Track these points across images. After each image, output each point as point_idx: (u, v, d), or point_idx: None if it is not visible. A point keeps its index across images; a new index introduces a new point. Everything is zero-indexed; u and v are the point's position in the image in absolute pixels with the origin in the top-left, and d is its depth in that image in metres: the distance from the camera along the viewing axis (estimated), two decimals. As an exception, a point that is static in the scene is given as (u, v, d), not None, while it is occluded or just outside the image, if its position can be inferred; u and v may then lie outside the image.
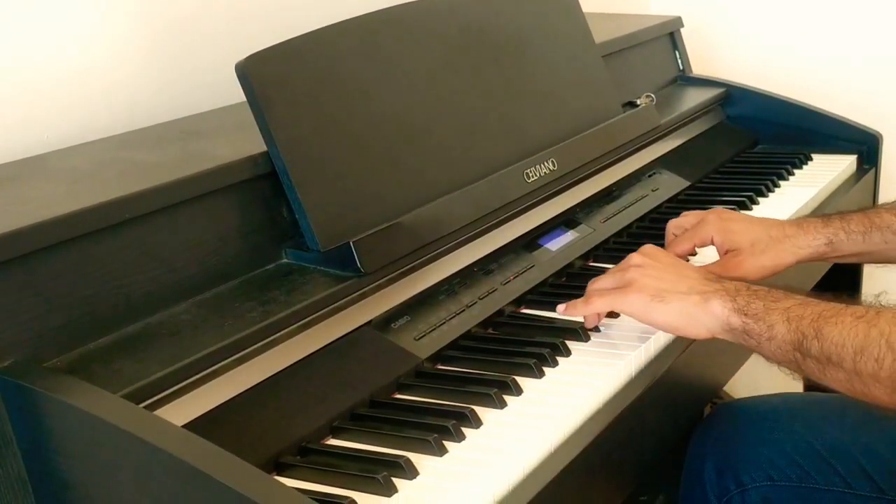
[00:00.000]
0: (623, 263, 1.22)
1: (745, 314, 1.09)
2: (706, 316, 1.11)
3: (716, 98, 2.00)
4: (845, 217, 1.38)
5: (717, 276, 1.17)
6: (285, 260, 1.19)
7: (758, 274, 1.34)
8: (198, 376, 0.99)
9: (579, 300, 1.21)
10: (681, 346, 1.22)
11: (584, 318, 1.23)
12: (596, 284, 1.23)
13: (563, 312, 1.22)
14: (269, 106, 1.16)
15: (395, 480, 0.94)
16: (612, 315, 1.26)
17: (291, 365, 1.07)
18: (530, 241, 1.44)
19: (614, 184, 1.64)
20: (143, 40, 1.47)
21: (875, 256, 1.38)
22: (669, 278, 1.15)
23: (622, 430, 1.10)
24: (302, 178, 1.17)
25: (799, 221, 1.39)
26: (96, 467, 0.89)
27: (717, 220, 1.38)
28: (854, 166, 1.92)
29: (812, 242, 1.35)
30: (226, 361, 1.01)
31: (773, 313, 1.07)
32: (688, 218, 1.43)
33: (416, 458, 0.97)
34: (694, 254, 1.44)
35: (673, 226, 1.44)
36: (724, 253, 1.37)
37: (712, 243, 1.39)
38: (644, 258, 1.20)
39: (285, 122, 1.17)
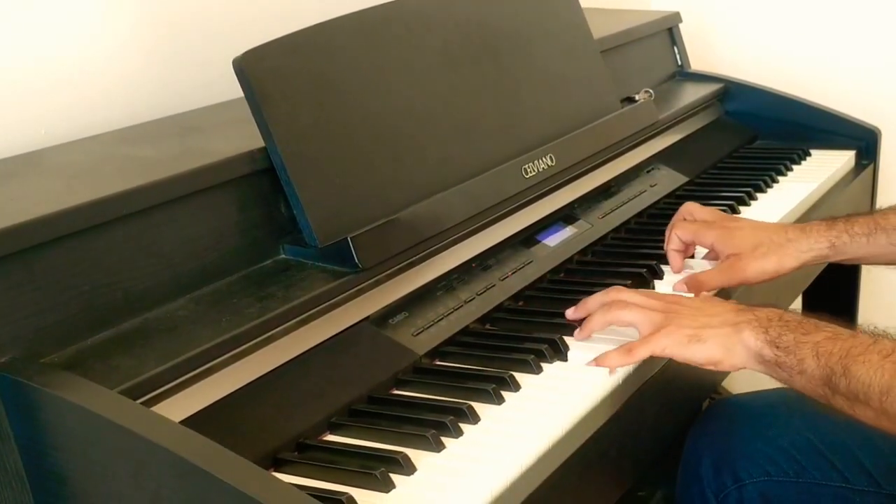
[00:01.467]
0: (650, 300, 1.19)
1: (777, 346, 1.08)
2: (740, 347, 1.11)
3: (714, 93, 2.00)
4: (850, 219, 1.38)
5: (748, 307, 1.15)
6: (283, 255, 1.19)
7: (759, 277, 1.34)
8: (195, 372, 0.99)
9: (615, 353, 1.14)
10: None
11: (581, 329, 1.21)
12: (625, 315, 1.18)
13: (601, 364, 1.14)
14: (267, 101, 1.16)
15: (393, 476, 0.94)
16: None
17: (289, 361, 1.07)
18: (528, 236, 1.44)
19: (613, 179, 1.64)
20: (140, 36, 1.47)
21: (881, 258, 1.37)
22: (701, 317, 1.14)
23: (620, 425, 1.10)
24: (300, 173, 1.17)
25: (802, 226, 1.39)
26: (94, 463, 0.89)
27: (720, 226, 1.39)
28: (853, 162, 1.92)
29: (814, 245, 1.35)
30: (223, 357, 1.01)
31: (803, 347, 1.07)
32: (703, 213, 1.43)
33: (414, 455, 0.97)
34: (691, 256, 1.45)
35: (685, 211, 1.44)
36: (726, 258, 1.36)
37: (712, 247, 1.39)
38: (671, 304, 1.18)
39: (283, 117, 1.17)
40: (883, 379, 1.00)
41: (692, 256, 1.45)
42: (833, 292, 1.97)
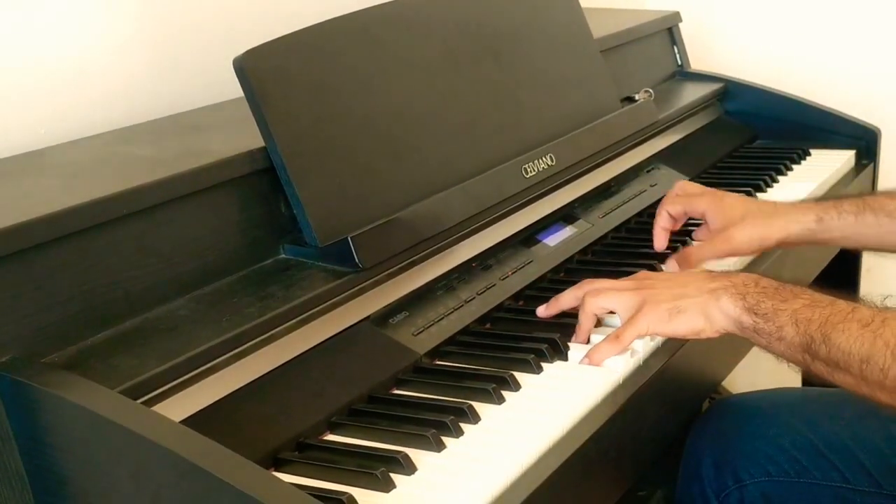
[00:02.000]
0: (621, 282, 1.20)
1: (755, 313, 1.08)
2: (719, 313, 1.11)
3: (714, 93, 2.00)
4: (840, 198, 1.38)
5: (723, 272, 1.16)
6: (283, 255, 1.19)
7: (747, 246, 1.35)
8: (196, 372, 0.98)
9: (605, 344, 1.14)
10: (679, 341, 1.22)
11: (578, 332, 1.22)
12: (600, 301, 1.18)
13: (592, 361, 1.15)
14: (267, 101, 1.16)
15: (393, 476, 0.94)
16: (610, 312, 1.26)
17: (289, 360, 1.07)
18: (529, 236, 1.44)
19: (613, 179, 1.64)
20: (141, 36, 1.47)
21: (869, 240, 1.37)
22: (675, 287, 1.14)
23: (620, 425, 1.10)
24: (300, 173, 1.17)
25: (792, 202, 1.39)
26: (94, 463, 0.89)
27: (711, 196, 1.40)
28: (852, 161, 1.91)
29: (802, 218, 1.35)
30: (224, 357, 1.01)
31: (781, 314, 1.07)
32: (694, 188, 1.45)
33: (414, 454, 0.97)
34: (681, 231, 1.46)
35: (677, 187, 1.46)
36: (715, 228, 1.38)
37: (703, 216, 1.40)
38: (644, 280, 1.19)
39: (283, 117, 1.17)
40: (862, 348, 1.01)
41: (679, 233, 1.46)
42: (833, 292, 1.97)
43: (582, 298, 1.20)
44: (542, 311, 1.26)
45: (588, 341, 1.20)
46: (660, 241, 1.42)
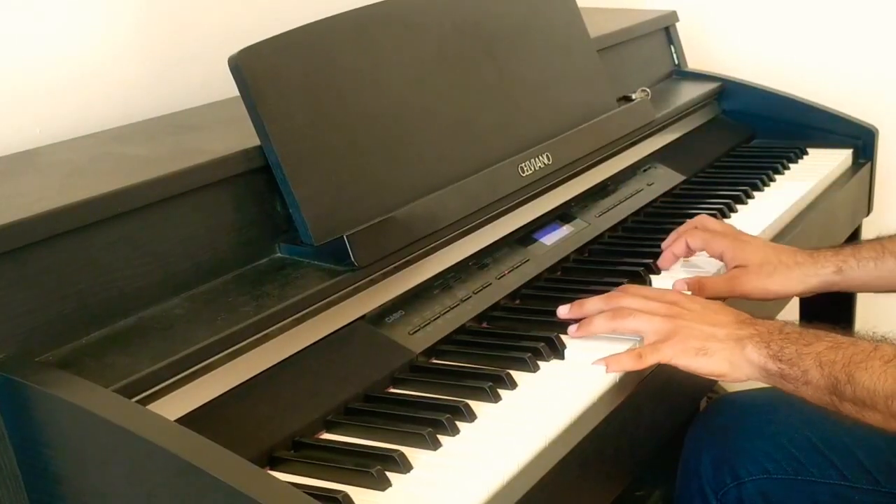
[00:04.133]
0: (654, 305, 1.19)
1: (780, 360, 1.09)
2: (745, 362, 1.12)
3: (711, 92, 2.00)
4: (857, 245, 1.37)
5: (750, 318, 1.15)
6: (279, 254, 1.19)
7: (761, 295, 1.34)
8: (191, 370, 0.98)
9: (626, 357, 1.14)
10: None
11: (580, 327, 1.21)
12: (630, 323, 1.18)
13: (610, 367, 1.14)
14: (262, 100, 1.16)
15: (389, 474, 0.94)
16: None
17: (285, 359, 1.07)
18: (525, 235, 1.43)
19: (609, 178, 1.64)
20: (136, 35, 1.47)
21: (889, 284, 1.36)
22: (706, 326, 1.14)
23: (617, 423, 1.10)
24: (295, 171, 1.16)
25: (811, 251, 1.37)
26: (89, 462, 0.89)
27: (733, 236, 1.39)
28: (850, 160, 1.91)
29: (821, 271, 1.34)
30: (219, 356, 1.01)
31: (806, 358, 1.08)
32: (712, 223, 1.43)
33: (410, 452, 0.97)
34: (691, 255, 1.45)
35: (698, 221, 1.44)
36: (733, 268, 1.36)
37: (721, 256, 1.38)
38: (677, 307, 1.18)
39: (278, 115, 1.17)
40: (886, 384, 1.02)
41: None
42: (830, 298, 1.97)
43: (612, 312, 1.19)
44: (565, 312, 1.24)
45: (588, 336, 1.20)
46: (666, 264, 1.42)
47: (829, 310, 1.78)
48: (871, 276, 1.35)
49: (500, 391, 1.09)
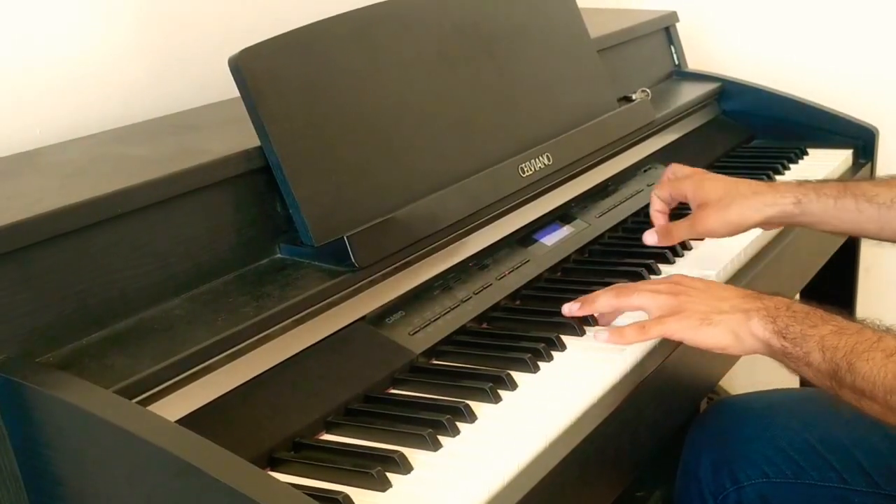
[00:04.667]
0: (658, 285, 1.20)
1: (785, 337, 1.09)
2: (749, 334, 1.11)
3: (711, 93, 2.00)
4: (820, 182, 1.38)
5: (756, 293, 1.15)
6: (279, 255, 1.19)
7: (724, 228, 1.35)
8: (191, 371, 0.98)
9: (630, 329, 1.15)
10: (675, 342, 1.21)
11: (583, 303, 1.22)
12: (635, 300, 1.19)
13: (613, 339, 1.16)
14: (263, 100, 1.16)
15: (389, 475, 0.94)
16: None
17: (285, 360, 1.07)
18: (525, 235, 1.43)
19: (609, 179, 1.64)
20: (136, 35, 1.47)
21: (847, 225, 1.35)
22: (711, 301, 1.15)
23: (617, 424, 1.10)
24: (295, 172, 1.16)
25: (771, 182, 1.39)
26: (89, 463, 0.89)
27: (694, 177, 1.41)
28: (850, 161, 1.91)
29: (780, 200, 1.34)
30: (219, 357, 1.01)
31: (809, 340, 1.07)
32: (683, 170, 1.46)
33: (411, 453, 0.97)
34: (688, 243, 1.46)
35: (669, 170, 1.47)
36: (697, 208, 1.38)
37: (685, 197, 1.40)
38: (681, 286, 1.18)
39: (278, 116, 1.17)
40: (887, 379, 1.01)
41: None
42: (831, 291, 1.97)
43: (616, 290, 1.20)
44: (575, 310, 1.23)
45: (591, 315, 1.22)
46: (658, 222, 1.43)
47: (830, 305, 1.79)
48: (828, 212, 1.34)
49: (501, 392, 1.09)
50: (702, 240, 1.47)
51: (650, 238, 1.38)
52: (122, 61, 1.45)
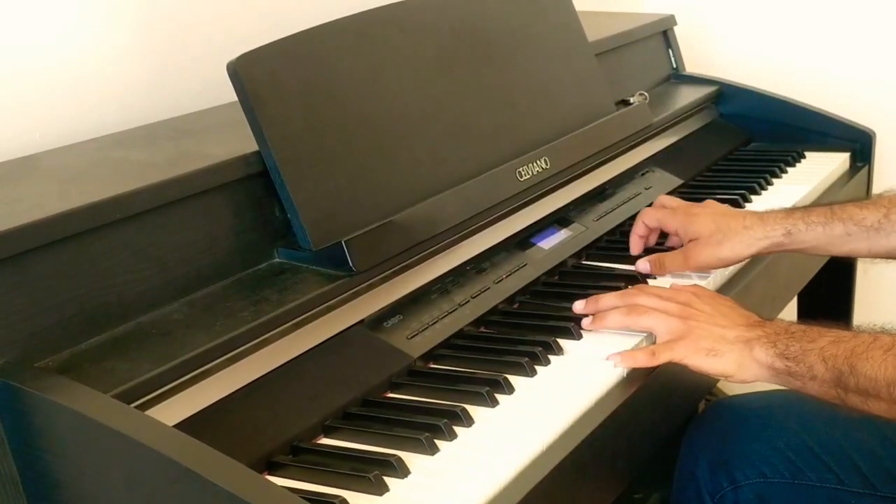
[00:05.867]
0: (668, 305, 1.21)
1: (787, 357, 1.11)
2: (752, 363, 1.14)
3: (709, 96, 2.00)
4: (808, 209, 1.40)
5: (759, 320, 1.18)
6: (277, 259, 1.19)
7: (715, 264, 1.38)
8: (189, 376, 0.99)
9: (640, 354, 1.16)
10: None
11: (594, 321, 1.24)
12: (644, 321, 1.20)
13: (621, 364, 1.16)
14: (261, 105, 1.16)
15: (387, 479, 0.94)
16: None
17: (283, 364, 1.07)
18: (523, 239, 1.44)
19: (607, 182, 1.64)
20: (135, 39, 1.47)
21: (838, 248, 1.38)
22: (717, 329, 1.17)
23: (614, 427, 1.10)
24: (293, 176, 1.17)
25: (761, 213, 1.41)
26: (88, 467, 0.89)
27: (682, 212, 1.43)
28: (847, 164, 1.92)
29: (770, 233, 1.37)
30: (217, 361, 1.01)
31: (810, 354, 1.10)
32: (671, 201, 1.49)
33: (408, 457, 0.97)
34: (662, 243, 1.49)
35: (657, 201, 1.50)
36: (687, 242, 1.40)
37: (676, 233, 1.43)
38: (690, 308, 1.20)
39: (277, 120, 1.17)
40: (887, 372, 1.04)
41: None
42: (829, 293, 1.97)
43: (626, 309, 1.22)
44: (581, 307, 1.26)
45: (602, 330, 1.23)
46: (635, 247, 1.46)
47: (827, 307, 1.79)
48: (819, 239, 1.37)
49: (498, 396, 1.09)
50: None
51: (643, 266, 1.40)
52: (121, 66, 1.45)
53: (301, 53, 1.23)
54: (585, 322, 1.24)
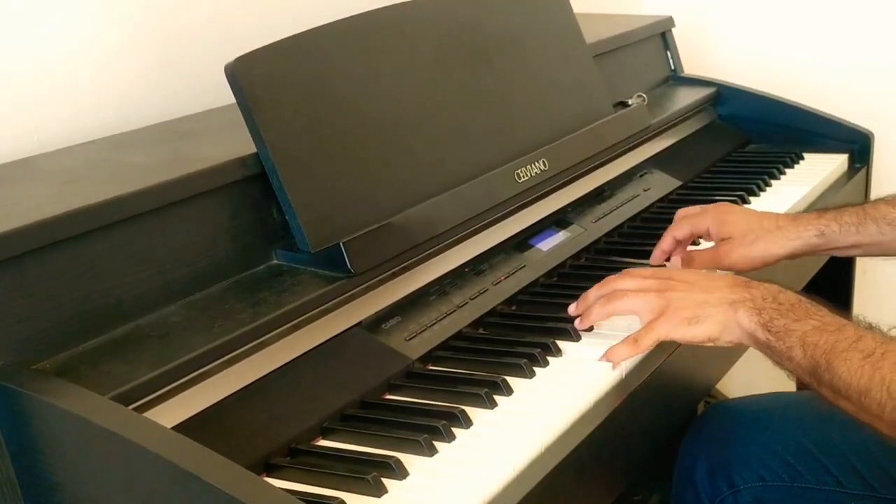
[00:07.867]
0: (646, 281, 1.20)
1: (769, 330, 1.09)
2: (736, 325, 1.12)
3: (707, 98, 2.00)
4: (840, 210, 1.39)
5: (745, 281, 1.16)
6: (275, 261, 1.19)
7: (747, 264, 1.36)
8: (187, 378, 0.98)
9: (623, 345, 1.15)
10: (672, 344, 1.21)
11: (581, 320, 1.23)
12: (623, 304, 1.19)
13: (609, 359, 1.15)
14: (259, 107, 1.16)
15: (385, 481, 0.94)
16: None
17: (281, 366, 1.07)
18: (521, 241, 1.44)
19: (606, 184, 1.64)
20: (133, 42, 1.47)
21: (872, 248, 1.38)
22: (698, 293, 1.15)
23: (613, 429, 1.10)
24: (291, 178, 1.17)
25: (794, 215, 1.40)
26: (86, 469, 0.89)
27: (714, 211, 1.41)
28: (845, 165, 1.92)
29: (803, 234, 1.36)
30: (216, 363, 1.01)
31: (791, 335, 1.08)
32: (693, 209, 1.46)
33: (406, 459, 0.97)
34: (697, 243, 1.47)
35: (680, 214, 1.47)
36: (719, 241, 1.39)
37: (708, 233, 1.41)
38: (670, 280, 1.19)
39: (274, 123, 1.17)
40: (861, 380, 1.01)
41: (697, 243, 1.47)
42: (829, 293, 1.97)
43: (605, 298, 1.20)
44: (573, 309, 1.26)
45: (590, 329, 1.22)
46: (655, 260, 1.43)
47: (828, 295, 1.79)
48: (852, 240, 1.36)
49: (496, 397, 1.09)
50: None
51: (676, 262, 1.38)
52: (118, 68, 1.45)
53: (299, 55, 1.23)
54: (577, 322, 1.23)
